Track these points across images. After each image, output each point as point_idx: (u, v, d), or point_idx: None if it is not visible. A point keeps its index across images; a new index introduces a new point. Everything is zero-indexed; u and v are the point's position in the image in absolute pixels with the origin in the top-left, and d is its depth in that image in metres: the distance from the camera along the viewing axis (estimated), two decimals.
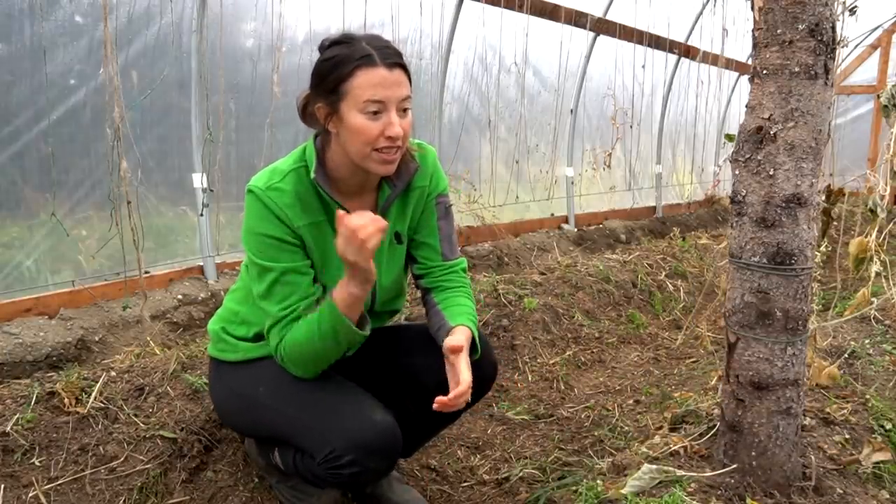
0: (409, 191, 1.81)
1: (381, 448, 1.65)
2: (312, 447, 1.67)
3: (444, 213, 1.88)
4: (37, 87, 2.87)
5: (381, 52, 1.58)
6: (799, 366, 1.70)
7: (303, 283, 1.69)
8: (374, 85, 1.57)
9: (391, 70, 1.58)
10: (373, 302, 1.84)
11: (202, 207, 3.41)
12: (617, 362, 3.49)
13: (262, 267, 1.67)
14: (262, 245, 1.67)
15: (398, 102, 1.60)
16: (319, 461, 1.65)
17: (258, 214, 1.66)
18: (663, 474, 1.75)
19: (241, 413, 1.85)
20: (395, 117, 1.59)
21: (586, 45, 5.71)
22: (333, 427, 1.65)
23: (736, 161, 1.69)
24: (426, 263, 1.87)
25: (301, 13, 3.77)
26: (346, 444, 1.62)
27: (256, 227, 1.67)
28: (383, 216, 1.77)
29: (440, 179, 1.87)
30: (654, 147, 7.01)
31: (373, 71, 1.57)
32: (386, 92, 1.58)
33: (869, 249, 2.22)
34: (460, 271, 1.90)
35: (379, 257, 1.80)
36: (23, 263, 2.92)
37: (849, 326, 3.15)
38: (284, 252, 1.67)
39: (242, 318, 1.84)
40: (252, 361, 1.81)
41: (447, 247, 1.88)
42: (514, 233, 5.23)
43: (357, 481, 1.70)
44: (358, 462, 1.62)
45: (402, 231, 1.84)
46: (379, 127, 1.59)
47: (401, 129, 1.60)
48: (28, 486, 1.83)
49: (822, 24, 1.56)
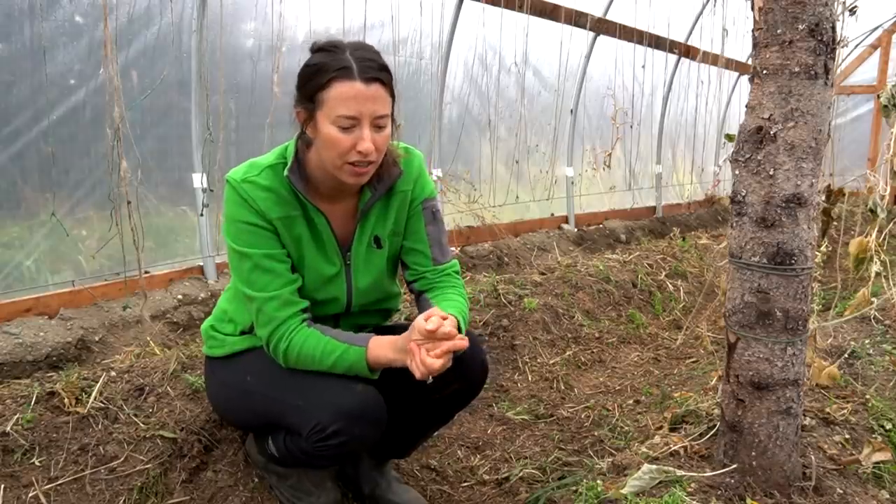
0: (392, 195, 1.82)
1: (364, 414, 1.68)
2: (299, 424, 1.70)
3: (431, 217, 1.88)
4: (37, 87, 2.87)
5: (361, 65, 1.58)
6: (799, 366, 1.70)
7: (282, 270, 1.71)
8: (347, 99, 1.56)
9: (368, 85, 1.57)
10: (349, 303, 1.86)
11: (202, 207, 3.41)
12: (617, 362, 3.49)
13: (240, 253, 1.70)
14: (239, 231, 1.70)
15: (372, 119, 1.59)
16: (306, 436, 1.68)
17: (234, 202, 1.69)
18: (663, 474, 1.75)
19: (234, 404, 1.89)
20: (367, 132, 1.59)
21: (586, 45, 5.71)
22: (316, 401, 1.68)
23: (736, 161, 1.69)
24: (418, 269, 1.89)
25: (301, 13, 3.77)
26: (330, 415, 1.65)
27: (234, 213, 1.70)
28: (363, 219, 1.79)
29: (426, 184, 1.87)
30: (653, 147, 7.01)
31: (348, 84, 1.56)
32: (359, 107, 1.57)
33: (869, 249, 2.22)
34: (453, 273, 1.91)
35: (355, 259, 1.82)
36: (23, 263, 2.92)
37: (849, 326, 3.15)
38: (261, 238, 1.70)
39: (230, 317, 1.88)
40: (239, 354, 1.86)
41: (438, 251, 1.89)
42: (514, 233, 5.24)
43: (344, 451, 1.72)
44: (343, 431, 1.65)
45: (382, 235, 1.85)
46: (350, 141, 1.59)
47: (371, 146, 1.59)
48: (28, 486, 1.83)
49: (822, 24, 1.56)
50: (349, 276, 1.83)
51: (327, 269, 1.79)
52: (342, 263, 1.81)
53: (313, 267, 1.77)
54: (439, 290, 1.86)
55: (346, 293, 1.84)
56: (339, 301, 1.84)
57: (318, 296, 1.80)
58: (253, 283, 1.70)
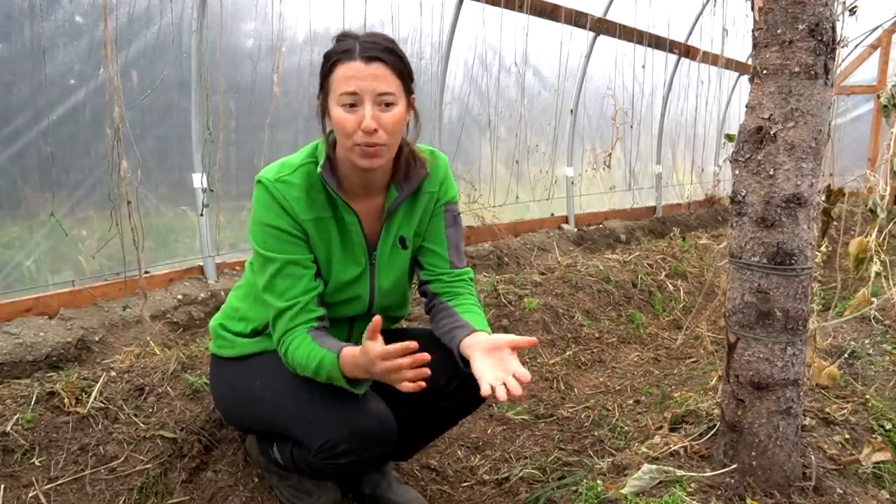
0: (418, 195, 1.81)
1: (376, 436, 1.66)
2: (308, 438, 1.68)
3: (452, 220, 1.88)
4: (37, 87, 2.87)
5: (363, 46, 1.59)
6: (799, 366, 1.70)
7: (305, 277, 1.70)
8: (347, 77, 1.58)
9: (368, 63, 1.58)
10: (370, 304, 1.84)
11: (202, 207, 3.41)
12: (617, 362, 3.49)
13: (265, 258, 1.69)
14: (266, 235, 1.68)
15: (374, 96, 1.59)
16: (315, 451, 1.66)
17: (265, 205, 1.68)
18: (663, 474, 1.75)
19: (240, 408, 1.86)
20: (369, 110, 1.58)
21: (586, 45, 5.71)
22: (328, 417, 1.66)
23: (736, 161, 1.69)
24: (433, 270, 1.87)
25: (301, 13, 3.77)
26: (341, 434, 1.63)
27: (262, 217, 1.68)
28: (389, 219, 1.78)
29: (450, 187, 1.87)
30: (653, 147, 7.01)
31: (348, 64, 1.59)
32: (360, 83, 1.58)
33: (869, 249, 2.22)
34: (468, 280, 1.89)
35: (380, 259, 1.81)
36: (23, 263, 2.92)
37: (849, 326, 3.15)
38: (288, 244, 1.68)
39: (242, 315, 1.85)
40: (249, 357, 1.83)
41: (455, 255, 1.88)
42: (514, 233, 5.23)
43: (353, 470, 1.70)
44: (353, 451, 1.63)
45: (408, 236, 1.83)
46: (355, 120, 1.59)
47: (373, 123, 1.58)
48: (28, 486, 1.83)
49: (822, 24, 1.56)
50: (373, 276, 1.81)
51: (353, 269, 1.78)
52: (367, 263, 1.80)
53: (339, 267, 1.76)
54: (459, 297, 1.83)
55: (368, 293, 1.82)
56: (361, 300, 1.82)
57: (341, 296, 1.79)
58: (274, 288, 1.68)
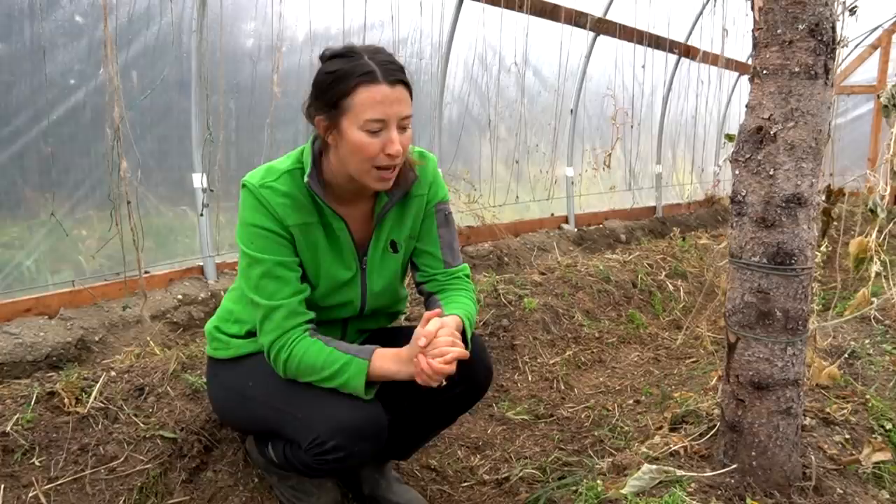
0: (408, 199, 1.82)
1: (364, 431, 1.67)
2: (298, 435, 1.69)
3: (444, 220, 1.89)
4: (37, 87, 2.87)
5: (384, 69, 1.59)
6: (799, 366, 1.70)
7: (291, 279, 1.71)
8: (376, 103, 1.57)
9: (393, 87, 1.59)
10: (362, 307, 1.86)
11: (202, 207, 3.41)
12: (617, 362, 3.49)
13: (252, 258, 1.69)
14: (253, 236, 1.69)
15: (398, 120, 1.60)
16: (305, 448, 1.67)
17: (251, 207, 1.69)
18: (663, 474, 1.75)
19: (235, 408, 1.87)
20: (395, 135, 1.60)
21: (586, 45, 5.71)
22: (317, 414, 1.67)
23: (736, 161, 1.69)
24: (428, 271, 1.89)
25: (301, 13, 3.76)
26: (329, 430, 1.64)
27: (249, 218, 1.69)
28: (380, 224, 1.79)
29: (440, 188, 1.89)
30: (654, 147, 7.01)
31: (375, 88, 1.57)
32: (387, 110, 1.58)
33: (869, 249, 2.22)
34: (463, 276, 1.91)
35: (371, 263, 1.82)
36: (23, 263, 2.92)
37: (849, 326, 3.15)
38: (275, 245, 1.69)
39: (236, 317, 1.86)
40: (243, 358, 1.84)
41: (448, 254, 1.89)
42: (514, 233, 5.23)
43: (343, 466, 1.71)
44: (341, 447, 1.64)
45: (399, 240, 1.85)
46: (379, 144, 1.60)
47: (400, 147, 1.60)
48: (28, 486, 1.83)
49: (822, 24, 1.56)
50: (364, 280, 1.83)
51: (343, 273, 1.79)
52: (358, 267, 1.81)
53: (329, 272, 1.77)
54: (449, 292, 1.86)
55: (360, 297, 1.84)
56: (353, 304, 1.84)
57: (332, 300, 1.80)
58: (262, 289, 1.69)
